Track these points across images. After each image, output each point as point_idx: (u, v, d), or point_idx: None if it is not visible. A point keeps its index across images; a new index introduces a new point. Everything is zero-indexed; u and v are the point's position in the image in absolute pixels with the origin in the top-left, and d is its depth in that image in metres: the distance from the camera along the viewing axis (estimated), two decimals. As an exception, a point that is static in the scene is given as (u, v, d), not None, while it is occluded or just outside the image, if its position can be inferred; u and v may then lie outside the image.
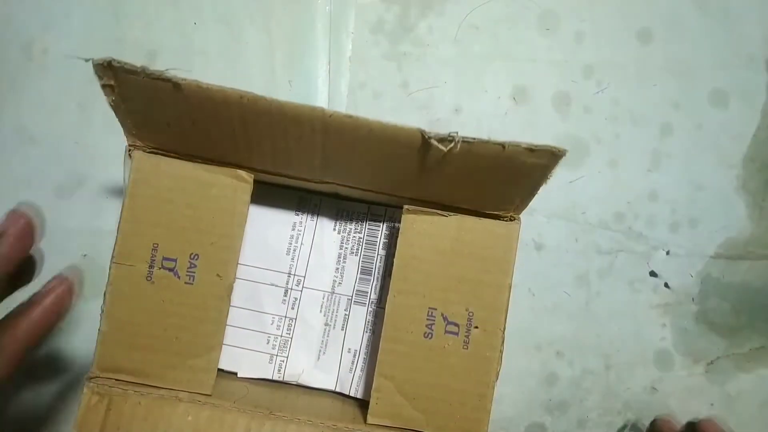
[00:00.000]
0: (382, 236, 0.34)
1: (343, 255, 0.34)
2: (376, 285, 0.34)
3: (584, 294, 0.39)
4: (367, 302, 0.34)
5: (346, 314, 0.34)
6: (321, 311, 0.34)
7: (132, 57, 0.40)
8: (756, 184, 0.40)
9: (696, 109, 0.40)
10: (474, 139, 0.25)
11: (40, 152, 0.40)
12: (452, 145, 0.25)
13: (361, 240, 0.34)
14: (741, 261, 0.40)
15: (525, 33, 0.40)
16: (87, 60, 0.25)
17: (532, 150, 0.24)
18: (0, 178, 0.40)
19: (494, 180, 0.27)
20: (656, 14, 0.40)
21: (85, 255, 0.40)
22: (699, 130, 0.40)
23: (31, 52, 0.40)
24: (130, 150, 0.28)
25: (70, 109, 0.40)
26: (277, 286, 0.34)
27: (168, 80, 0.25)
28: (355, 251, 0.34)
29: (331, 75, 0.40)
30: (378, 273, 0.34)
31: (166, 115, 0.27)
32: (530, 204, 0.28)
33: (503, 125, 0.40)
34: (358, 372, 0.33)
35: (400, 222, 0.30)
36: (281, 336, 0.34)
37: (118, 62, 0.26)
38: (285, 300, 0.34)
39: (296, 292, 0.34)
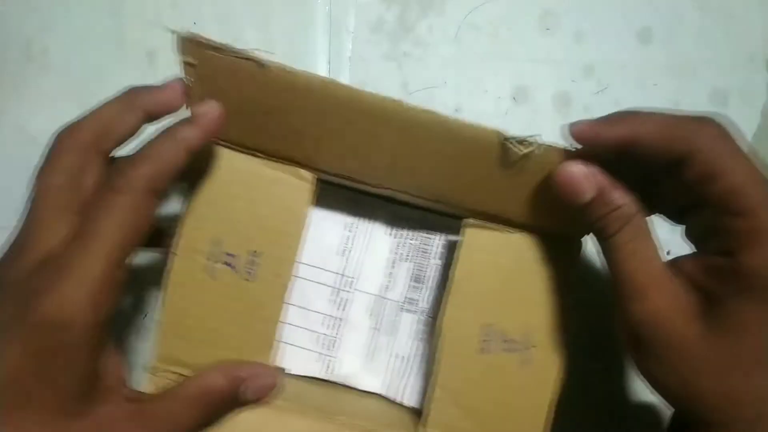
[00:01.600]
0: (437, 245, 0.33)
1: (395, 260, 0.34)
2: (427, 294, 0.33)
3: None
4: (417, 311, 0.33)
5: (395, 320, 0.34)
6: (369, 314, 0.34)
7: (132, 57, 0.40)
8: (756, 184, 0.40)
9: (696, 109, 0.40)
10: (551, 144, 0.25)
11: (40, 152, 0.40)
12: (531, 148, 0.25)
13: (415, 247, 0.34)
14: (741, 261, 0.40)
15: (525, 33, 0.40)
16: (172, 32, 0.25)
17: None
18: (0, 178, 0.40)
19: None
20: (656, 14, 0.40)
21: (85, 255, 0.40)
22: (699, 130, 0.40)
23: (31, 52, 0.40)
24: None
25: (70, 109, 0.40)
26: (327, 285, 0.33)
27: (253, 59, 0.26)
28: (407, 257, 0.34)
29: (331, 75, 0.40)
30: (430, 282, 0.33)
31: (240, 99, 0.26)
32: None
33: (503, 125, 0.40)
34: (411, 380, 0.33)
35: (457, 232, 0.29)
36: (329, 336, 0.33)
37: (204, 38, 0.26)
38: (334, 300, 0.33)
39: (346, 293, 0.34)
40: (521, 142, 0.25)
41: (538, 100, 0.40)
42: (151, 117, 0.26)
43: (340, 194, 0.33)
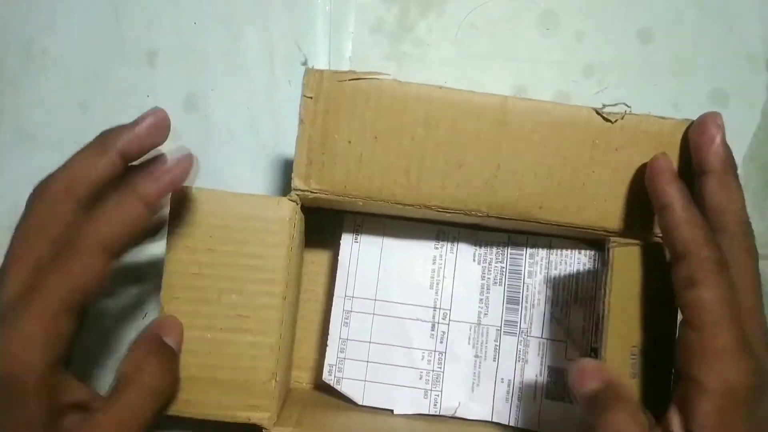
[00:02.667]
0: (527, 265, 0.34)
1: (486, 285, 0.34)
2: (525, 314, 0.34)
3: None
4: (518, 332, 0.34)
5: (496, 345, 0.34)
6: (470, 343, 0.34)
7: (132, 57, 0.40)
8: (756, 184, 0.40)
9: (696, 109, 0.40)
10: (641, 114, 0.28)
11: (40, 152, 0.40)
12: (623, 113, 0.28)
13: (504, 270, 0.34)
14: (741, 261, 0.40)
15: (525, 33, 0.40)
16: (303, 64, 0.27)
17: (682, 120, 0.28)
18: (0, 178, 0.40)
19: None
20: (656, 14, 0.40)
21: (85, 255, 0.40)
22: (699, 130, 0.40)
23: (31, 52, 0.40)
24: (291, 195, 0.29)
25: (70, 109, 0.40)
26: (423, 321, 0.34)
27: (372, 77, 0.28)
28: (498, 281, 0.34)
29: (331, 75, 0.40)
30: (526, 301, 0.34)
31: (351, 129, 0.28)
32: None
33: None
34: (515, 401, 0.33)
35: (541, 247, 0.32)
36: (433, 370, 0.34)
37: (328, 70, 0.28)
38: (433, 334, 0.34)
39: (443, 325, 0.34)
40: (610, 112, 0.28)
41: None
42: (129, 158, 0.26)
43: (423, 228, 0.34)
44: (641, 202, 0.28)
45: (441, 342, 0.34)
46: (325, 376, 0.34)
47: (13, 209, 0.40)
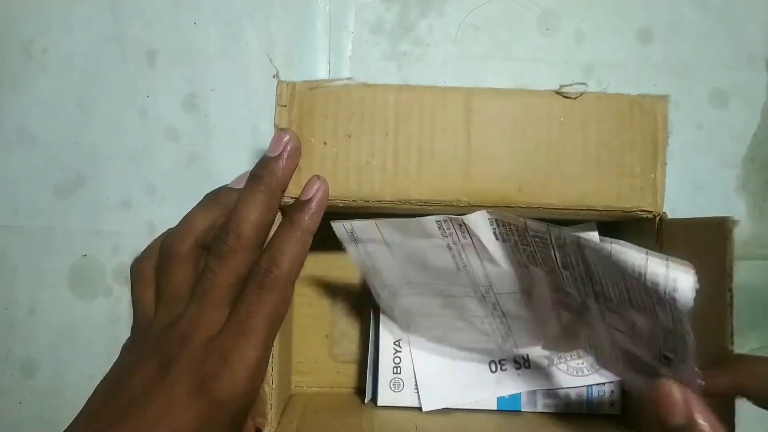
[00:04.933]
0: (553, 239, 0.27)
1: (521, 262, 0.30)
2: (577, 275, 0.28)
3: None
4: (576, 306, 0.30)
5: (557, 313, 0.31)
6: (528, 307, 0.31)
7: (132, 57, 0.40)
8: (756, 184, 0.40)
9: (696, 109, 0.40)
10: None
11: (40, 152, 0.40)
12: (579, 94, 0.29)
13: (535, 253, 0.28)
14: (741, 261, 0.39)
15: (525, 33, 0.40)
16: (274, 77, 0.29)
17: (644, 96, 0.30)
18: (0, 178, 0.40)
19: (622, 144, 0.30)
20: (656, 14, 0.40)
21: (85, 255, 0.40)
22: (699, 130, 0.40)
23: (31, 52, 0.40)
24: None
25: (70, 109, 0.40)
26: (467, 296, 0.32)
27: (343, 84, 0.29)
28: (532, 261, 0.29)
29: (331, 75, 0.40)
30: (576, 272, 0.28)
31: (325, 131, 0.29)
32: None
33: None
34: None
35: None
36: (498, 328, 0.33)
37: (300, 83, 0.30)
38: (485, 304, 0.32)
39: (491, 296, 0.32)
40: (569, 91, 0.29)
41: (538, 100, 0.40)
42: (284, 190, 0.29)
43: (417, 224, 0.30)
44: (616, 176, 0.29)
45: (495, 309, 0.32)
46: (396, 349, 0.34)
47: (13, 209, 0.40)
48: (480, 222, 0.29)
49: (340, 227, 0.30)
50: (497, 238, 0.29)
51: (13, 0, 0.40)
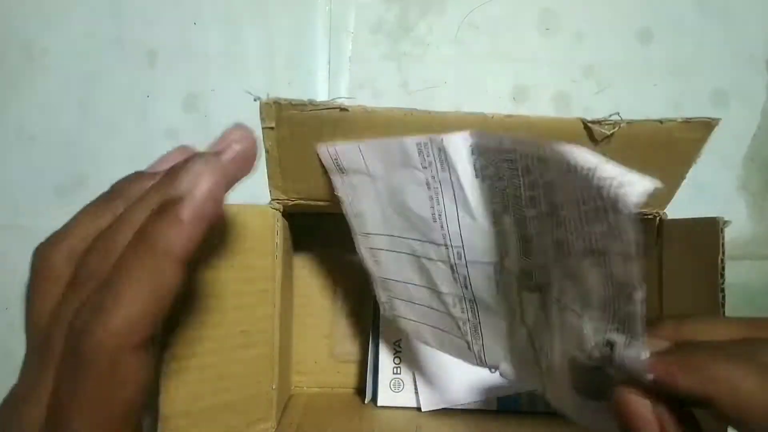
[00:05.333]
0: (521, 161, 0.22)
1: (497, 212, 0.24)
2: (535, 260, 0.24)
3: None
4: (533, 285, 0.25)
5: (519, 300, 0.26)
6: (499, 292, 0.26)
7: (132, 57, 0.40)
8: (756, 184, 0.40)
9: (696, 109, 0.40)
10: (632, 121, 0.25)
11: (40, 152, 0.40)
12: (615, 128, 0.24)
13: (506, 189, 0.23)
14: (741, 261, 0.40)
15: (525, 33, 0.40)
16: (255, 99, 0.25)
17: (687, 122, 0.25)
18: (0, 178, 0.40)
19: (648, 166, 0.25)
20: (656, 14, 0.40)
21: (85, 255, 0.40)
22: (699, 130, 0.40)
23: (31, 52, 0.40)
24: (271, 204, 0.28)
25: (70, 109, 0.40)
26: (440, 261, 0.27)
27: (335, 107, 0.25)
28: (504, 206, 0.24)
29: (331, 75, 0.40)
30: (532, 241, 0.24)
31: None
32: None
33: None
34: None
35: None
36: (469, 320, 0.28)
37: (285, 100, 0.25)
38: (455, 278, 0.26)
39: (462, 267, 0.26)
40: (602, 123, 0.25)
41: (538, 100, 0.40)
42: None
43: (399, 146, 0.26)
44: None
45: (466, 288, 0.26)
46: (382, 312, 0.31)
47: (13, 209, 0.40)
48: (460, 146, 0.23)
49: (324, 152, 0.26)
50: (476, 175, 0.24)
51: (13, 0, 0.40)
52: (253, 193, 0.28)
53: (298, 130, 0.26)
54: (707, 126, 0.25)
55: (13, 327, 0.39)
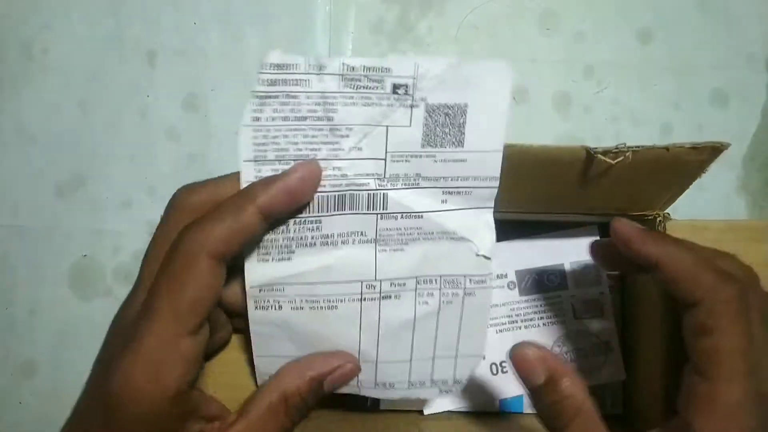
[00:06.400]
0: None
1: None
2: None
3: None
4: None
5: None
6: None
7: (132, 57, 0.40)
8: (756, 184, 0.40)
9: (696, 109, 0.40)
10: (639, 147, 0.24)
11: (40, 152, 0.40)
12: (621, 158, 0.24)
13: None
14: (741, 261, 0.40)
15: (525, 33, 0.40)
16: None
17: (695, 148, 0.24)
18: (0, 178, 0.40)
19: (651, 183, 0.26)
20: (656, 14, 0.40)
21: (85, 255, 0.40)
22: (699, 130, 0.40)
23: (31, 52, 0.40)
24: None
25: (70, 109, 0.40)
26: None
27: None
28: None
29: (331, 75, 0.40)
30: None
31: None
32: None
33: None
34: None
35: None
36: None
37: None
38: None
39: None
40: (607, 153, 0.24)
41: (538, 100, 0.40)
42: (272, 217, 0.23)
43: None
44: (631, 192, 0.27)
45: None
46: None
47: (13, 209, 0.40)
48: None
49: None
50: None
51: (13, 0, 0.40)
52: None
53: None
54: (714, 150, 0.24)
55: (13, 327, 0.39)
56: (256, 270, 0.24)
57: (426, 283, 0.25)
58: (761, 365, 0.21)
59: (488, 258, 0.25)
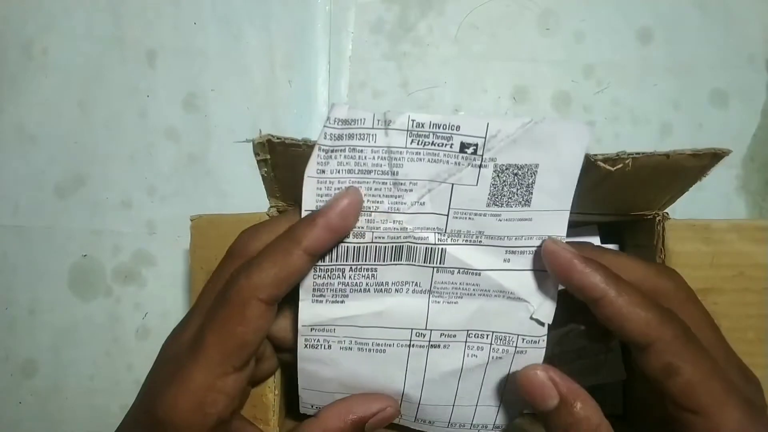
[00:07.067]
0: None
1: None
2: None
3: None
4: None
5: None
6: None
7: (132, 57, 0.40)
8: (756, 184, 0.40)
9: (696, 109, 0.40)
10: (640, 153, 0.24)
11: (40, 152, 0.40)
12: (621, 165, 0.23)
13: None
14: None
15: (525, 33, 0.40)
16: (248, 141, 0.24)
17: (696, 155, 0.24)
18: (0, 178, 0.40)
19: (650, 186, 0.26)
20: (656, 14, 0.40)
21: (85, 255, 0.40)
22: (699, 130, 0.40)
23: (31, 52, 0.40)
24: (269, 211, 0.28)
25: (70, 109, 0.40)
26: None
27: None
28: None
29: (331, 75, 0.40)
30: None
31: None
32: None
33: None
34: None
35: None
36: None
37: (278, 138, 0.25)
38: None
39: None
40: (607, 160, 0.24)
41: (538, 100, 0.40)
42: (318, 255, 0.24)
43: None
44: (629, 194, 0.27)
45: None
46: None
47: (13, 209, 0.40)
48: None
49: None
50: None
51: (13, 0, 0.40)
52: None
53: (292, 160, 0.25)
54: (715, 156, 0.24)
55: (14, 327, 0.39)
56: (309, 311, 0.24)
57: (477, 337, 0.25)
58: (731, 373, 0.22)
59: (543, 324, 0.25)
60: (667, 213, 0.29)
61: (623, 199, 0.27)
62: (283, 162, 0.26)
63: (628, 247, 0.32)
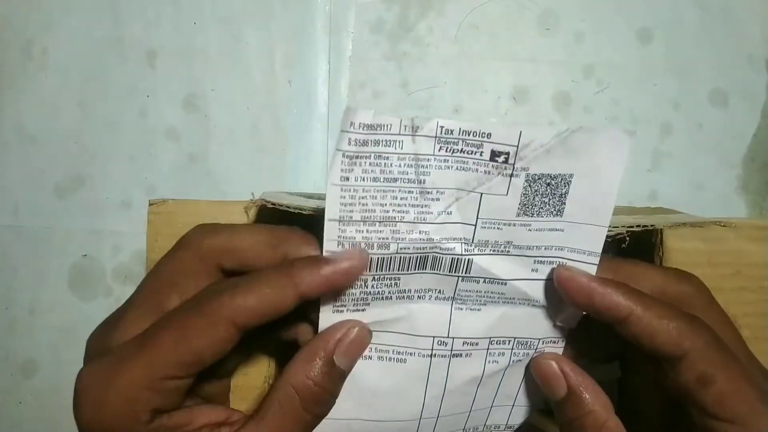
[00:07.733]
0: None
1: None
2: None
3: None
4: None
5: None
6: None
7: (132, 57, 0.40)
8: (756, 184, 0.40)
9: (696, 109, 0.40)
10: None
11: (40, 152, 0.40)
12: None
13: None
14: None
15: (525, 33, 0.40)
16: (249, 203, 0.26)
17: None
18: (0, 178, 0.40)
19: None
20: (656, 14, 0.40)
21: (85, 255, 0.40)
22: (699, 130, 0.40)
23: (31, 52, 0.40)
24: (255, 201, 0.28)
25: (70, 109, 0.40)
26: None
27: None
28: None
29: (331, 75, 0.40)
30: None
31: None
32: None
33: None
34: None
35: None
36: None
37: (272, 204, 0.25)
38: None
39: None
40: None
41: (538, 100, 0.40)
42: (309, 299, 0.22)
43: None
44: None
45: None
46: None
47: (13, 209, 0.40)
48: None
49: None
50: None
51: (13, 0, 0.40)
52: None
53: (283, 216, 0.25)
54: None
55: (14, 327, 0.39)
56: (329, 320, 0.24)
57: (499, 344, 0.25)
58: (757, 376, 0.21)
59: (565, 328, 0.24)
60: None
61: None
62: (274, 219, 0.26)
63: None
